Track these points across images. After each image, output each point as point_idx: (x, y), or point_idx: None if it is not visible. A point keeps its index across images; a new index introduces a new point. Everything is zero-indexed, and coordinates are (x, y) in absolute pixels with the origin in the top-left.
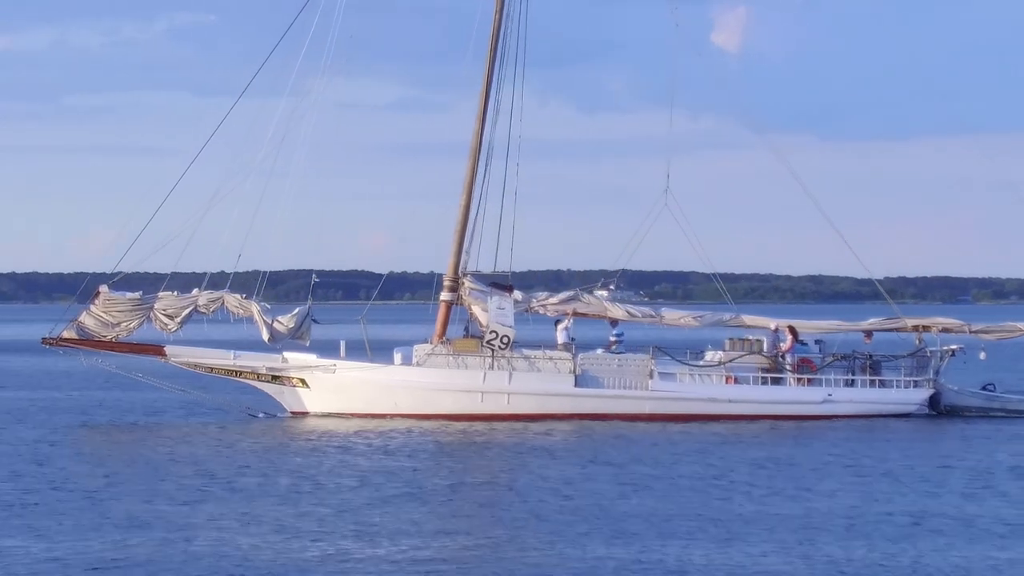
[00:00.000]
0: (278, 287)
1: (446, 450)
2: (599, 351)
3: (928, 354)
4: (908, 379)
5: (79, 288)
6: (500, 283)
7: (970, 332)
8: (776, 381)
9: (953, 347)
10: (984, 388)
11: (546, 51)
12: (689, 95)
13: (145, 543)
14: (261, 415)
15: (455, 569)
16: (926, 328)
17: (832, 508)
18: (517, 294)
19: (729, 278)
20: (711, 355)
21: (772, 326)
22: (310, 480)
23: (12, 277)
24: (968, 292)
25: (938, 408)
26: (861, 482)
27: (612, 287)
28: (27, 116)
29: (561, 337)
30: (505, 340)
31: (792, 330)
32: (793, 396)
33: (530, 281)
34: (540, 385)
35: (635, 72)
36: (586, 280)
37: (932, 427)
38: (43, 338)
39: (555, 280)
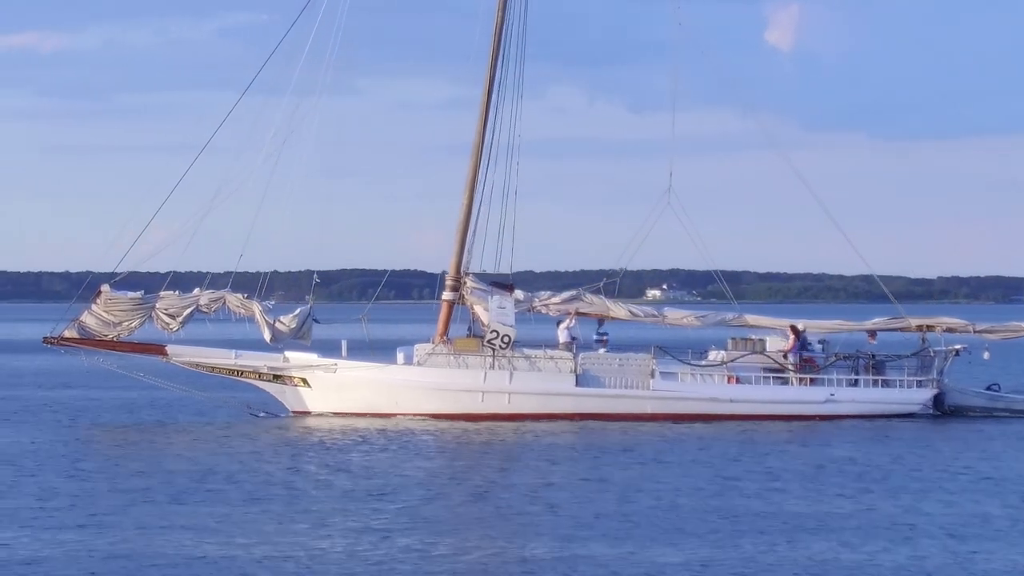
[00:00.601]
0: (331, 286)
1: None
2: (602, 351)
3: (932, 354)
4: (911, 379)
5: (139, 287)
6: (501, 282)
7: (974, 332)
8: (778, 381)
9: (957, 347)
10: (988, 388)
11: (595, 50)
12: (738, 94)
13: (145, 543)
14: (262, 414)
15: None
16: (930, 328)
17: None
18: (519, 293)
19: (782, 278)
20: (715, 355)
21: (800, 327)
22: (312, 479)
23: (66, 276)
24: (1022, 292)
25: (942, 408)
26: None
27: (665, 287)
28: (80, 115)
29: (563, 337)
30: (506, 339)
31: (795, 330)
32: (795, 396)
33: (582, 280)
34: (541, 385)
35: (686, 71)
36: (640, 280)
37: (954, 427)
38: (44, 337)
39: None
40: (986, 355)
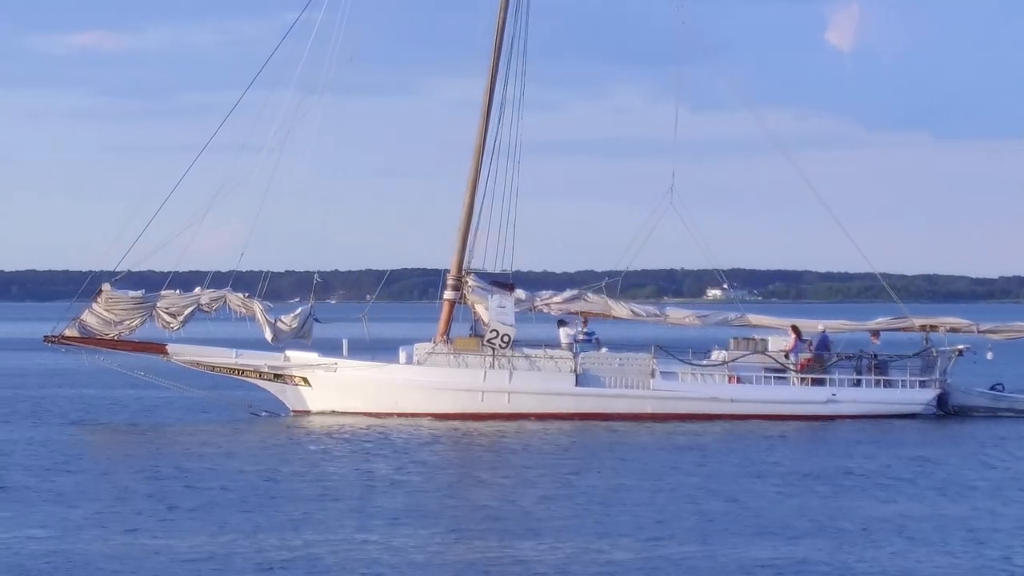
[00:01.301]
0: (392, 285)
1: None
2: (604, 350)
3: (934, 354)
4: (914, 379)
5: (194, 285)
6: (501, 281)
7: (978, 332)
8: (780, 381)
9: (960, 347)
10: (993, 388)
11: (657, 50)
12: (797, 94)
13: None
14: (263, 414)
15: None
16: (933, 328)
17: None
18: (520, 293)
19: (843, 277)
20: (718, 355)
21: (820, 327)
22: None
23: (127, 277)
24: None
25: (946, 408)
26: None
27: (726, 286)
28: (143, 114)
29: (564, 338)
30: (506, 339)
31: (795, 329)
32: (796, 396)
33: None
34: (541, 384)
35: (748, 71)
36: (700, 280)
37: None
38: (45, 336)
39: (669, 279)
40: (989, 355)
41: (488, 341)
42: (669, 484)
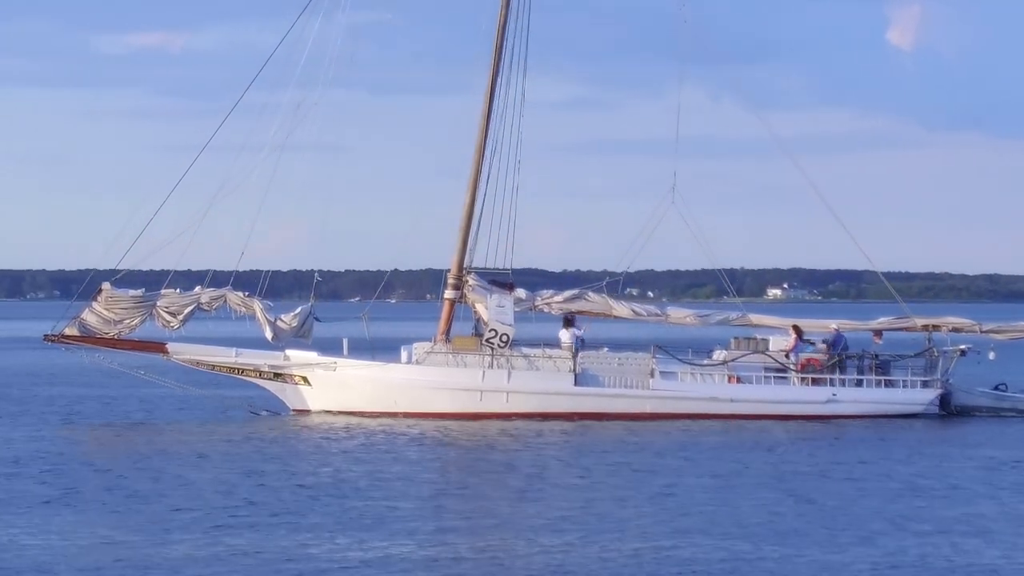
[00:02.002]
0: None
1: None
2: (605, 350)
3: (936, 354)
4: (916, 379)
5: (259, 286)
6: (500, 281)
7: (981, 332)
8: (780, 381)
9: (963, 347)
10: (996, 388)
11: (719, 49)
12: (857, 93)
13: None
14: (264, 413)
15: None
16: (936, 328)
17: None
18: (520, 292)
19: (903, 277)
20: (719, 355)
21: (833, 326)
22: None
23: (188, 275)
24: None
25: (949, 408)
26: None
27: (786, 285)
28: (205, 114)
29: (566, 338)
30: (504, 338)
31: (796, 329)
32: (796, 396)
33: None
34: (539, 384)
35: (808, 70)
36: (760, 279)
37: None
38: (45, 335)
39: (728, 278)
40: (991, 355)
41: (487, 340)
42: (749, 484)
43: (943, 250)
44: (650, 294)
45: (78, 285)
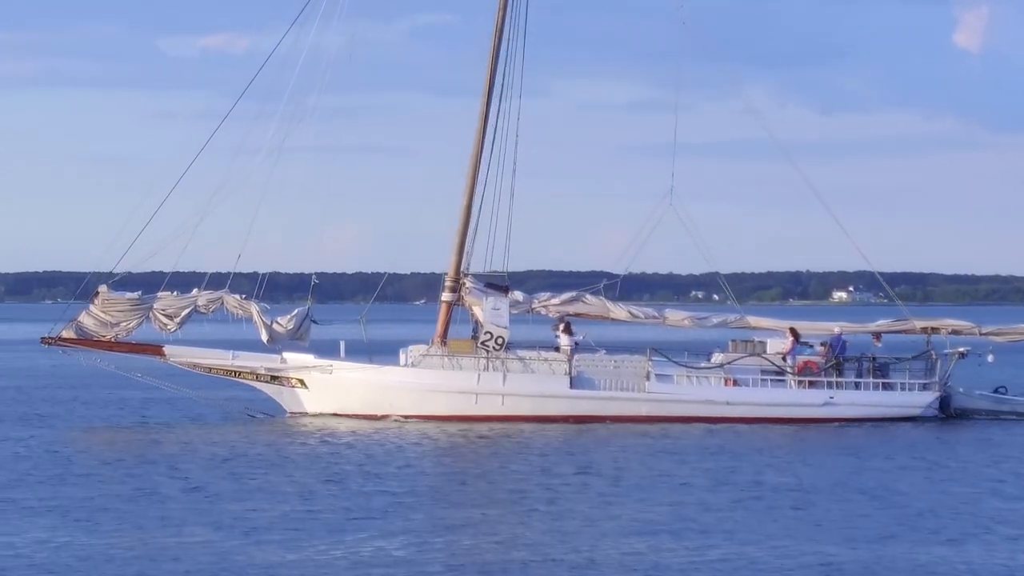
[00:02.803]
0: (521, 286)
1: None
2: (601, 352)
3: (934, 356)
4: (914, 381)
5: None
6: (496, 283)
7: (980, 334)
8: (776, 383)
9: (961, 349)
10: (996, 391)
11: (786, 52)
12: (925, 95)
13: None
14: (260, 415)
15: None
16: (935, 330)
17: None
18: (517, 294)
19: (969, 280)
20: (717, 357)
21: (836, 330)
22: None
23: (252, 277)
24: None
25: (948, 411)
26: None
27: (852, 288)
28: (268, 116)
29: (566, 342)
30: (500, 341)
31: (793, 332)
32: (793, 399)
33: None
34: (535, 387)
35: (874, 72)
36: (826, 282)
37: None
38: (42, 337)
39: (794, 280)
40: (990, 358)
41: (482, 343)
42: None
43: (1009, 253)
44: (715, 297)
45: (145, 288)
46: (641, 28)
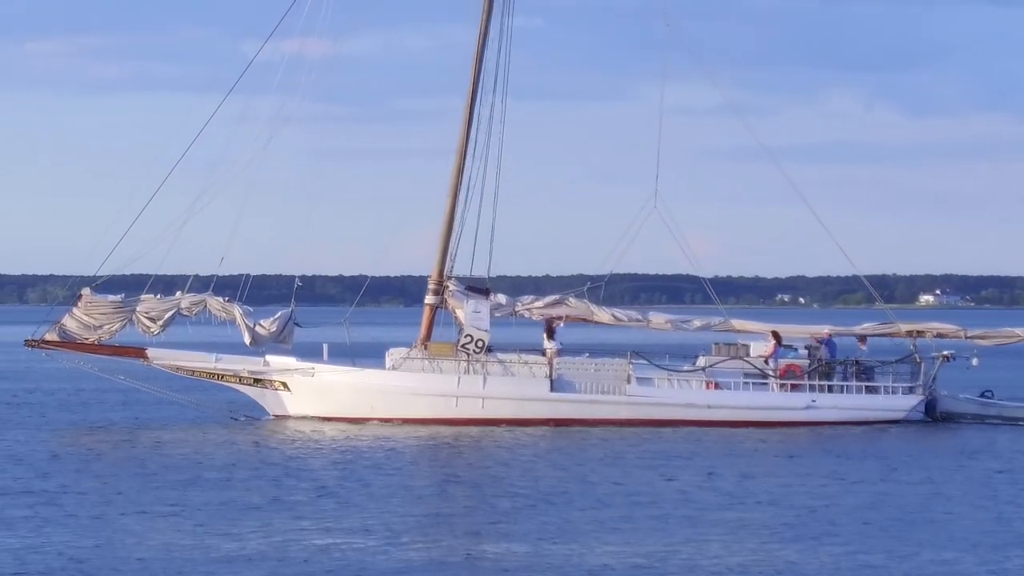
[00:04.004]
0: (608, 287)
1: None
2: (586, 355)
3: (918, 360)
4: (898, 385)
5: (404, 290)
6: (476, 287)
7: (966, 338)
8: (759, 387)
9: (946, 352)
10: (983, 395)
11: (873, 56)
12: (1016, 99)
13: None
14: (242, 418)
15: None
16: (920, 333)
17: None
18: (501, 297)
19: None
20: (702, 360)
21: (825, 332)
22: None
23: (339, 280)
24: None
25: (934, 415)
26: None
27: (939, 291)
28: (355, 119)
29: (550, 345)
30: (480, 344)
31: (775, 335)
32: (775, 402)
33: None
34: (515, 390)
35: (964, 75)
36: (912, 285)
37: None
38: (26, 340)
39: (880, 284)
40: (975, 361)
41: (462, 346)
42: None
43: None
44: (801, 300)
45: (231, 292)
46: (720, 32)
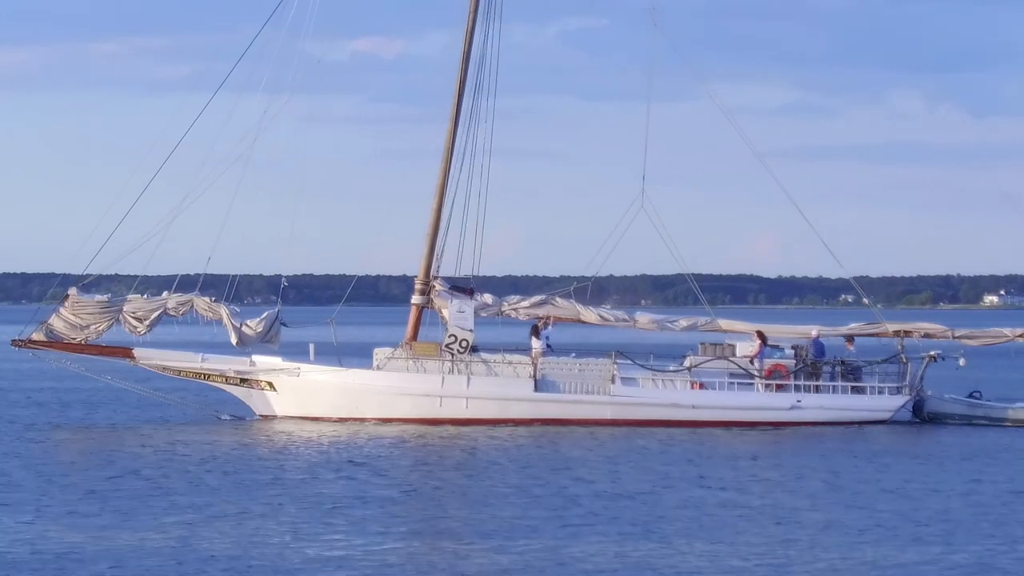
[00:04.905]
0: (667, 290)
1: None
2: (573, 355)
3: (904, 360)
4: (885, 385)
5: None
6: (461, 286)
7: (953, 338)
8: (744, 387)
9: (933, 353)
10: (971, 395)
11: (938, 56)
12: None
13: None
14: (226, 417)
15: None
16: (907, 333)
17: None
18: (487, 297)
19: None
20: (690, 360)
21: (813, 333)
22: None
23: (403, 279)
24: None
25: (921, 415)
26: None
27: (1003, 292)
28: (422, 120)
29: (537, 345)
30: (464, 344)
31: (760, 335)
32: (760, 402)
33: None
34: (499, 390)
35: None
36: (977, 286)
37: None
38: (13, 340)
39: (944, 284)
40: (961, 362)
41: (446, 346)
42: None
43: None
44: (865, 301)
45: (297, 291)
46: (784, 32)
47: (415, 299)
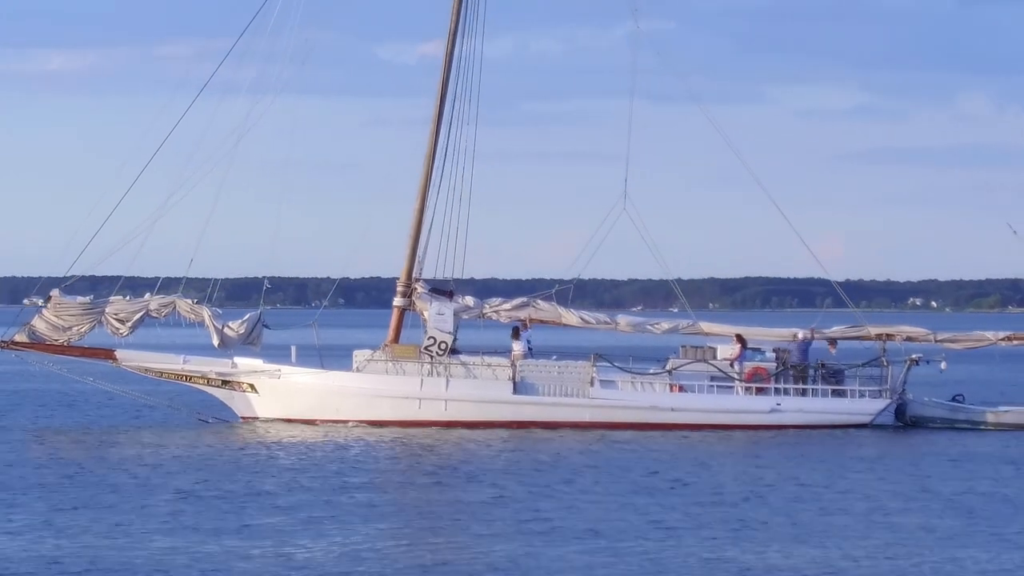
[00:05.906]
0: (735, 294)
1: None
2: (554, 358)
3: (886, 363)
4: (866, 389)
5: (539, 292)
6: (440, 288)
7: (936, 341)
8: (723, 390)
9: (915, 356)
10: (954, 399)
11: (1007, 58)
12: None
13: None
14: (210, 420)
15: None
16: (889, 337)
17: None
18: (469, 300)
19: None
20: (671, 363)
21: (799, 335)
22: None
23: (470, 283)
24: None
25: (904, 419)
26: None
27: None
28: (485, 122)
29: (517, 348)
30: (443, 346)
31: (740, 338)
32: (739, 405)
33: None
34: (478, 392)
35: None
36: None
37: None
38: None
39: (1013, 288)
40: (943, 365)
41: (426, 348)
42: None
43: None
44: (933, 304)
45: (364, 293)
46: (850, 33)
47: (397, 301)
